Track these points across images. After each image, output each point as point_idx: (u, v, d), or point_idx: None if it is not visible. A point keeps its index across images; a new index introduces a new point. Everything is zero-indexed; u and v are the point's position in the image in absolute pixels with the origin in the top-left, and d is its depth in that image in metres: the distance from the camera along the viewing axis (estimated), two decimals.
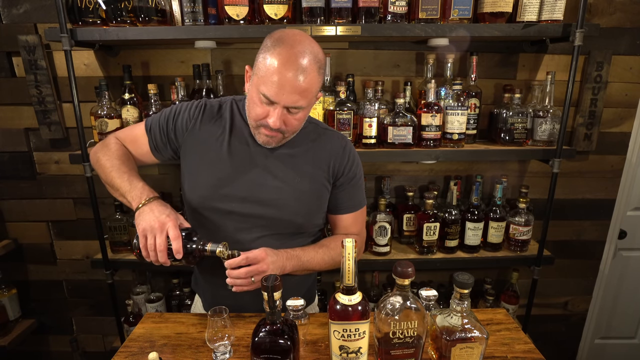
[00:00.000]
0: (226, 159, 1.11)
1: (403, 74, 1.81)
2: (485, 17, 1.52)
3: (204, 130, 1.13)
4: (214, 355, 0.98)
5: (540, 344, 1.19)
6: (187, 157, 1.15)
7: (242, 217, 1.11)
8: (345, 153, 1.18)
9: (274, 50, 0.95)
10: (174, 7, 1.53)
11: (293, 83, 0.94)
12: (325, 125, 1.25)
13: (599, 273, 2.13)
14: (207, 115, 1.15)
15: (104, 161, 1.12)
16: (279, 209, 1.11)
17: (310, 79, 0.96)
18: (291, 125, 1.03)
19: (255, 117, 1.03)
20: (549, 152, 1.63)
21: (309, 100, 1.00)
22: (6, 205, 1.94)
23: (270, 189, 1.10)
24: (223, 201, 1.10)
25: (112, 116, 1.59)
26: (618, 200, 2.01)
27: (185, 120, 1.14)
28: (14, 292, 1.96)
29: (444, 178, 1.96)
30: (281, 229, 1.13)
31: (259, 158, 1.11)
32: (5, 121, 1.82)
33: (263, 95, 0.97)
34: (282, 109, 0.98)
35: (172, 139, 1.16)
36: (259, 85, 0.97)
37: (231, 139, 1.12)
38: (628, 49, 1.79)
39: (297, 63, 0.94)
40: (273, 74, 0.94)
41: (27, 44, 1.67)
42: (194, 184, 1.13)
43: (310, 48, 0.98)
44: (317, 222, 1.20)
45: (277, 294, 0.81)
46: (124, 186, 1.06)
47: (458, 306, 0.87)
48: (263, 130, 1.04)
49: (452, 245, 1.77)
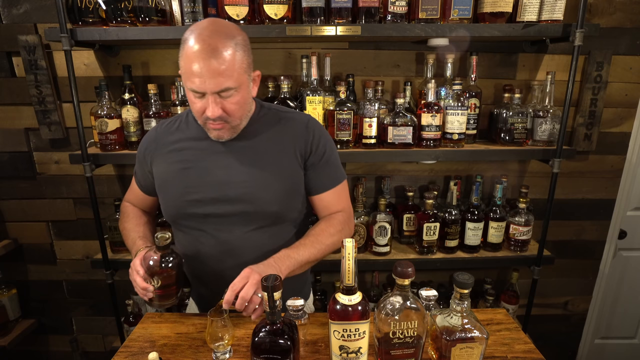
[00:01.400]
0: (189, 166, 1.12)
1: (403, 74, 1.81)
2: (485, 17, 1.52)
3: (163, 147, 1.17)
4: (214, 355, 0.98)
5: (540, 344, 1.19)
6: (157, 178, 1.18)
7: (219, 218, 1.11)
8: (309, 131, 1.15)
9: (185, 45, 0.96)
10: (174, 7, 1.53)
11: (209, 67, 0.93)
12: (285, 108, 1.23)
13: (599, 273, 2.13)
14: (164, 131, 1.19)
15: (121, 230, 1.28)
16: (251, 203, 1.10)
17: (224, 57, 0.94)
18: (232, 111, 1.02)
19: (198, 115, 1.04)
20: (549, 152, 1.63)
21: (236, 79, 0.98)
22: (6, 205, 1.94)
23: (237, 185, 1.10)
24: (196, 207, 1.11)
25: (112, 116, 1.59)
26: (618, 200, 2.01)
27: (146, 148, 1.20)
28: (14, 292, 1.96)
29: (444, 178, 1.96)
30: (260, 221, 1.13)
31: (221, 157, 1.12)
32: (5, 121, 1.82)
33: (192, 91, 0.99)
34: (213, 96, 0.98)
35: (148, 172, 1.21)
36: (185, 82, 0.99)
37: (191, 146, 1.14)
38: (628, 49, 1.79)
39: (206, 47, 0.93)
40: (190, 67, 0.94)
41: (27, 44, 1.67)
42: (166, 199, 1.16)
43: (220, 29, 0.97)
44: (296, 207, 1.18)
45: (277, 294, 0.81)
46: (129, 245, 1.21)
47: (458, 306, 0.86)
48: (209, 124, 1.04)
49: (452, 245, 1.77)
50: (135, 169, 1.26)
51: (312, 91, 1.57)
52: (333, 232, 1.16)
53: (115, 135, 1.60)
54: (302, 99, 1.60)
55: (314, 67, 1.55)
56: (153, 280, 1.03)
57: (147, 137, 1.22)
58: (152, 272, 1.03)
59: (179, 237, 1.21)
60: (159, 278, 1.04)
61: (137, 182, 1.27)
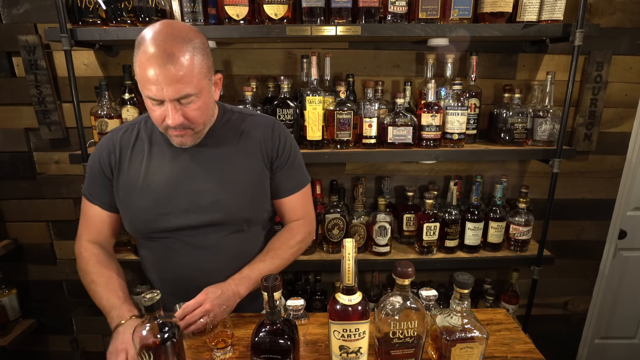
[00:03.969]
0: (155, 177, 1.07)
1: (403, 74, 1.81)
2: (485, 17, 1.52)
3: (123, 156, 1.09)
4: (213, 355, 0.98)
5: (540, 344, 1.19)
6: (119, 193, 1.11)
7: (192, 229, 1.09)
8: (275, 134, 1.14)
9: (138, 51, 0.90)
10: (174, 7, 1.53)
11: (166, 74, 0.88)
12: (250, 111, 1.22)
13: (599, 273, 2.13)
14: (122, 140, 1.11)
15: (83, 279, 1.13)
16: (224, 210, 1.09)
17: (182, 63, 0.89)
18: (194, 117, 0.97)
19: (158, 122, 0.98)
20: (549, 152, 1.63)
21: (195, 85, 0.93)
22: (6, 205, 1.94)
23: (208, 193, 1.07)
24: (167, 220, 1.07)
25: (112, 116, 1.59)
26: (618, 200, 2.01)
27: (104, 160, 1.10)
28: (14, 292, 1.96)
29: (444, 178, 1.96)
30: (233, 227, 1.12)
31: (187, 165, 1.08)
32: (5, 121, 1.82)
33: (149, 98, 0.93)
34: (172, 103, 0.93)
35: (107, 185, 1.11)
36: (142, 90, 0.93)
37: (154, 155, 1.08)
38: (628, 49, 1.78)
39: (161, 52, 0.88)
40: (145, 74, 0.89)
41: (27, 44, 1.66)
42: (132, 213, 1.10)
43: (175, 32, 0.91)
44: (265, 209, 1.19)
45: (277, 294, 0.81)
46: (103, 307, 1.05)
47: (458, 306, 0.87)
48: (171, 132, 0.99)
49: (452, 245, 1.77)
50: (88, 190, 1.13)
51: (312, 91, 1.57)
52: (293, 244, 1.18)
53: None
54: (302, 99, 1.60)
55: (314, 67, 1.55)
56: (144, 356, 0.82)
57: (101, 149, 1.11)
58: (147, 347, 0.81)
59: (148, 245, 1.15)
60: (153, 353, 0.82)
61: (98, 202, 1.13)
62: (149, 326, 0.81)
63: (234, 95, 1.78)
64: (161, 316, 0.82)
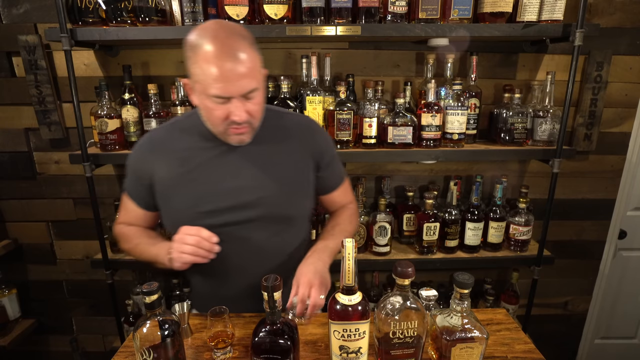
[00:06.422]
0: (198, 176, 1.07)
1: (403, 74, 1.81)
2: (485, 17, 1.52)
3: (164, 156, 1.09)
4: (213, 354, 0.98)
5: (540, 344, 1.19)
6: (159, 189, 1.11)
7: (236, 225, 1.09)
8: (317, 135, 1.18)
9: (199, 53, 0.90)
10: (174, 7, 1.53)
11: (235, 70, 0.90)
12: (281, 109, 1.23)
13: (599, 273, 2.13)
14: (163, 140, 1.11)
15: (128, 248, 1.20)
16: (267, 206, 1.09)
17: (247, 58, 0.92)
18: (255, 112, 0.99)
19: (218, 122, 0.98)
20: (549, 152, 1.63)
21: (258, 79, 0.96)
22: (6, 205, 1.94)
23: (252, 189, 1.08)
24: (211, 217, 1.06)
25: (112, 116, 1.59)
26: (618, 200, 2.01)
27: (143, 159, 1.11)
28: (14, 292, 1.96)
29: (444, 178, 1.96)
30: (277, 224, 1.12)
31: (230, 162, 1.08)
32: (5, 121, 1.82)
33: (215, 97, 0.93)
34: (239, 99, 0.94)
35: (147, 185, 1.12)
36: (206, 90, 0.93)
37: (196, 155, 1.08)
38: (628, 49, 1.79)
39: (228, 50, 0.89)
40: (210, 72, 0.89)
41: (27, 44, 1.67)
42: (173, 211, 1.10)
43: (232, 29, 0.94)
44: (307, 206, 1.20)
45: (277, 294, 0.81)
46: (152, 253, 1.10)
47: (458, 306, 0.86)
48: (232, 130, 0.99)
49: (452, 245, 1.77)
50: (127, 186, 1.16)
51: (312, 91, 1.57)
52: (354, 221, 1.27)
53: (115, 135, 1.61)
54: (302, 99, 1.60)
55: (314, 67, 1.55)
56: (145, 354, 0.81)
57: (140, 148, 1.13)
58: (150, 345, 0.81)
59: None
60: (154, 351, 0.82)
61: (135, 199, 1.15)
62: (149, 323, 0.81)
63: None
64: (161, 313, 0.82)
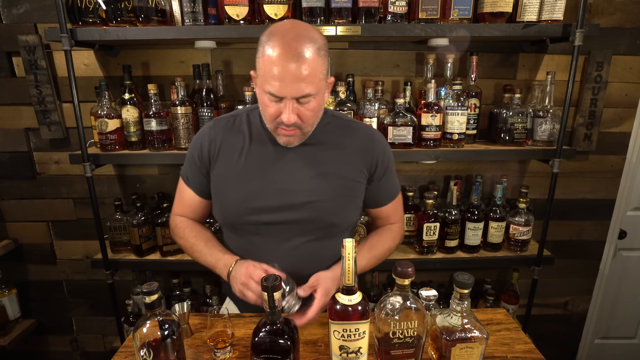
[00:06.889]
0: (252, 171, 1.09)
1: (403, 74, 1.81)
2: (485, 17, 1.52)
3: (224, 148, 1.11)
4: (214, 355, 0.98)
5: (540, 344, 1.19)
6: (214, 179, 1.14)
7: (279, 225, 1.09)
8: (376, 145, 1.15)
9: (267, 46, 0.92)
10: (174, 7, 1.53)
11: (293, 72, 0.90)
12: (348, 117, 1.23)
13: (599, 273, 2.13)
14: (224, 131, 1.13)
15: (183, 246, 1.22)
16: (313, 211, 1.09)
17: (309, 63, 0.91)
18: (306, 117, 0.99)
19: (270, 119, 1.00)
20: (549, 152, 1.63)
21: (316, 86, 0.94)
22: (6, 205, 1.94)
23: (300, 193, 1.08)
24: (257, 214, 1.08)
25: (112, 116, 1.59)
26: (618, 200, 2.01)
27: (206, 148, 1.13)
28: (14, 292, 1.96)
29: (444, 178, 1.96)
30: (319, 231, 1.12)
31: (285, 163, 1.09)
32: (5, 121, 1.82)
33: (269, 94, 0.94)
34: (291, 101, 0.94)
35: (205, 173, 1.15)
36: (263, 85, 0.94)
37: (253, 150, 1.10)
38: (628, 49, 1.79)
39: (291, 51, 0.90)
40: (272, 70, 0.91)
41: (27, 44, 1.67)
42: (224, 204, 1.12)
43: (303, 32, 0.93)
44: (353, 218, 1.19)
45: (277, 294, 0.81)
46: (209, 263, 1.14)
47: (458, 306, 0.86)
48: (281, 130, 1.00)
49: (452, 245, 1.77)
50: (186, 173, 1.18)
51: None
52: (389, 244, 1.23)
53: (115, 135, 1.61)
54: None
55: None
56: (145, 353, 0.80)
57: (202, 137, 1.14)
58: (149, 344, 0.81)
59: (233, 237, 1.18)
60: (154, 351, 0.81)
61: (193, 187, 1.18)
62: (149, 323, 0.81)
63: (234, 95, 1.78)
64: (161, 313, 0.82)
